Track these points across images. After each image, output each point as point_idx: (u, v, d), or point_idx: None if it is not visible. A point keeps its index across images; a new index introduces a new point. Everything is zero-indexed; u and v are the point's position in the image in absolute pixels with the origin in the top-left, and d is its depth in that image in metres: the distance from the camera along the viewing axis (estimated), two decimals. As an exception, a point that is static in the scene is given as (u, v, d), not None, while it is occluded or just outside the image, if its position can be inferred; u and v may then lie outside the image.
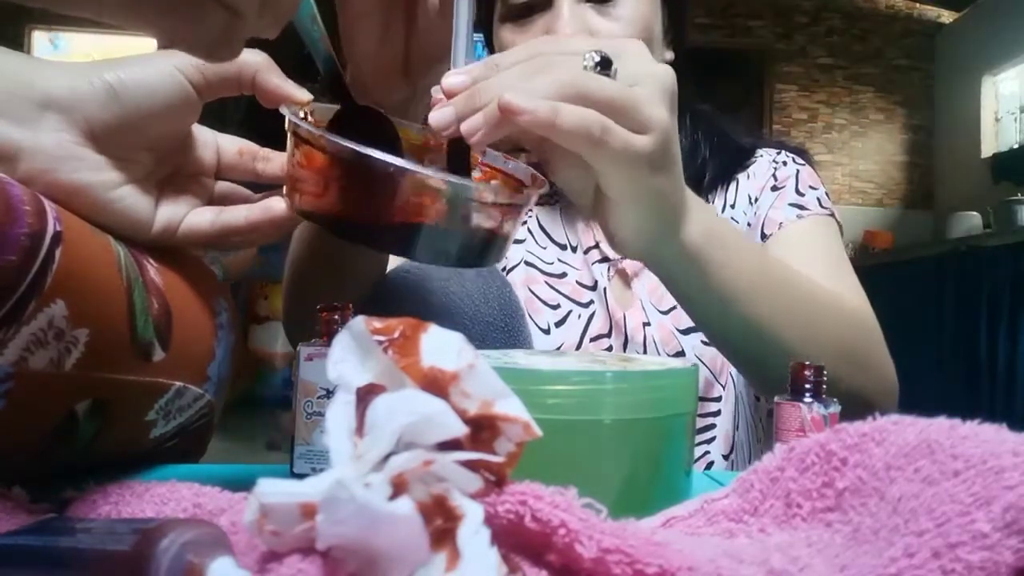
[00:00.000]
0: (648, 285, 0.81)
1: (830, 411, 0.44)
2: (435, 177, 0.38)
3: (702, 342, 0.79)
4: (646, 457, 0.36)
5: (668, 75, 0.45)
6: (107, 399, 0.41)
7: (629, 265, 0.81)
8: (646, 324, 0.78)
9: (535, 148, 0.51)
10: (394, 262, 0.72)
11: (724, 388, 0.80)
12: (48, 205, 0.36)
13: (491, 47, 0.84)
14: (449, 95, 0.42)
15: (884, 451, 0.27)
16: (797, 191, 0.80)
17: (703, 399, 0.79)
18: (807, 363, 0.45)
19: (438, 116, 0.41)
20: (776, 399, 0.46)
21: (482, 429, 0.23)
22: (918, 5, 5.16)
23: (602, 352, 0.77)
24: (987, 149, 4.63)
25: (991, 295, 3.04)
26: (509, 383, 0.23)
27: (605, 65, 0.43)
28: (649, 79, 0.44)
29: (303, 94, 0.44)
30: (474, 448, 0.23)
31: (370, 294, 0.67)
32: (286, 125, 0.41)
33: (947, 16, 5.10)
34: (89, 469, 0.40)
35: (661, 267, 0.54)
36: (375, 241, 0.40)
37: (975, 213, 3.98)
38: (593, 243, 0.84)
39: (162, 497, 0.34)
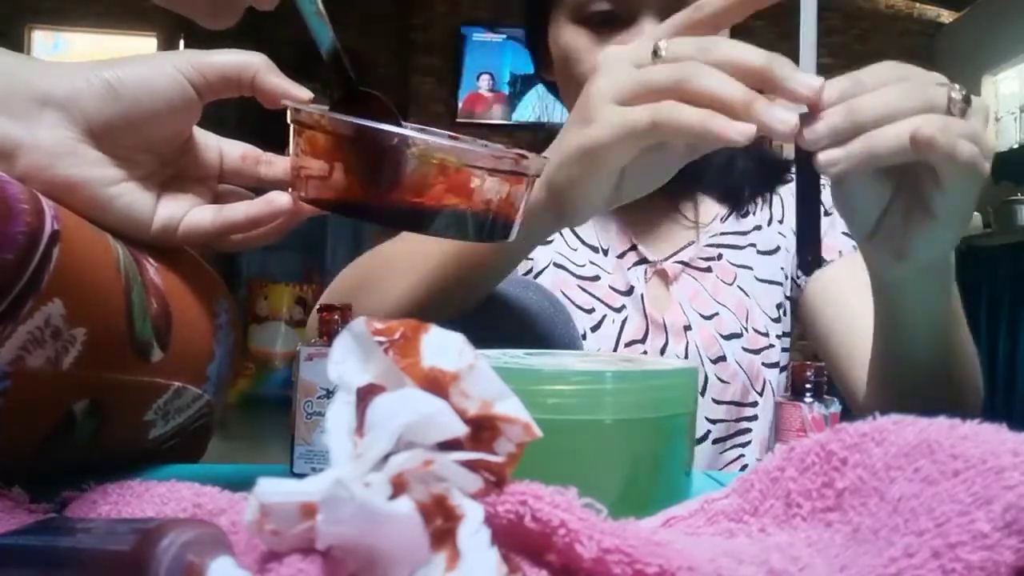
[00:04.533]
0: (689, 290, 0.80)
1: (830, 411, 0.44)
2: (438, 144, 0.37)
3: (743, 348, 0.79)
4: (646, 457, 0.36)
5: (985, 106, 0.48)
6: (105, 399, 0.41)
7: (669, 267, 0.80)
8: (687, 328, 0.78)
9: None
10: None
11: (761, 395, 0.79)
12: (46, 204, 0.36)
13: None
14: (815, 107, 0.41)
15: (884, 451, 0.27)
16: None
17: (740, 404, 0.78)
18: (808, 363, 0.45)
19: (811, 130, 0.41)
20: (777, 399, 0.46)
21: (482, 429, 0.23)
22: (918, 5, 5.16)
23: (604, 353, 0.76)
24: (987, 149, 4.62)
25: (991, 295, 3.04)
26: (509, 383, 0.23)
27: (967, 101, 0.44)
28: (982, 109, 0.46)
29: (303, 93, 0.44)
30: (474, 448, 0.23)
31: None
32: (288, 117, 0.41)
33: (947, 16, 5.10)
34: (89, 469, 0.40)
35: (920, 282, 0.52)
36: (383, 218, 0.39)
37: (975, 213, 3.97)
38: (629, 246, 0.81)
39: (162, 497, 0.34)
